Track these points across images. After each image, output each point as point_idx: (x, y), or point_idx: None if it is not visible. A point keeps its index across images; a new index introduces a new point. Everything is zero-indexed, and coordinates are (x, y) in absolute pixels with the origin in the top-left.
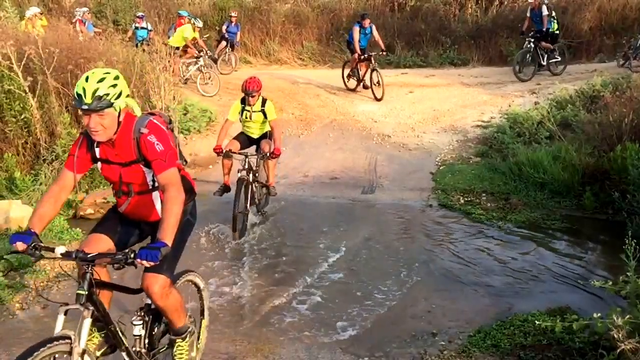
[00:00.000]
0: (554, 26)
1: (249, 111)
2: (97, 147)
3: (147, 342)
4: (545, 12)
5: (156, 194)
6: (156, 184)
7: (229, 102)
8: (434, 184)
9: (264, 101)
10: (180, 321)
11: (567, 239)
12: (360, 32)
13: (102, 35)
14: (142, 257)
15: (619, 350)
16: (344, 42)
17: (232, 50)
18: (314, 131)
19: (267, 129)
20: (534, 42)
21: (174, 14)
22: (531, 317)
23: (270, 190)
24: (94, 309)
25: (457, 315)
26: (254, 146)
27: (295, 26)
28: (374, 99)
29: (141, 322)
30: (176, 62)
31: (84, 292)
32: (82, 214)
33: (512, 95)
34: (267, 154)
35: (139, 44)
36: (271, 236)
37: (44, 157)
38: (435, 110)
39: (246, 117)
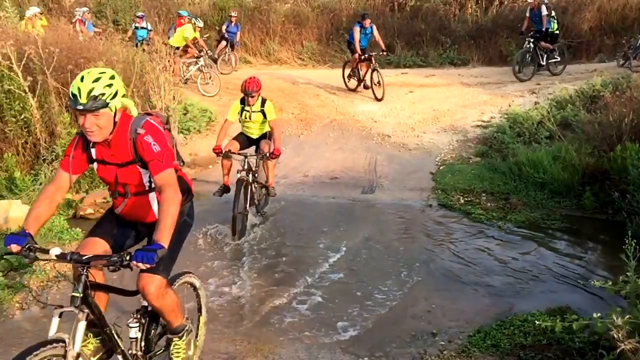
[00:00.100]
0: (554, 26)
1: (248, 111)
2: (93, 147)
3: (143, 344)
4: (544, 12)
5: (153, 195)
6: (153, 185)
7: (229, 102)
8: (434, 184)
9: (264, 101)
10: (177, 321)
11: (567, 239)
12: (360, 32)
13: (102, 35)
14: (138, 259)
15: (618, 350)
16: (344, 42)
17: (232, 50)
18: (314, 131)
19: (266, 129)
20: (533, 42)
21: (174, 14)
22: (531, 317)
23: (269, 190)
24: (89, 311)
25: (457, 315)
26: (254, 146)
27: (295, 26)
28: (375, 99)
29: (137, 324)
30: (176, 62)
31: (79, 294)
32: (82, 214)
33: (512, 95)
34: (267, 155)
35: (139, 44)
36: (271, 236)
37: (43, 157)
38: (435, 110)
39: (246, 118)
